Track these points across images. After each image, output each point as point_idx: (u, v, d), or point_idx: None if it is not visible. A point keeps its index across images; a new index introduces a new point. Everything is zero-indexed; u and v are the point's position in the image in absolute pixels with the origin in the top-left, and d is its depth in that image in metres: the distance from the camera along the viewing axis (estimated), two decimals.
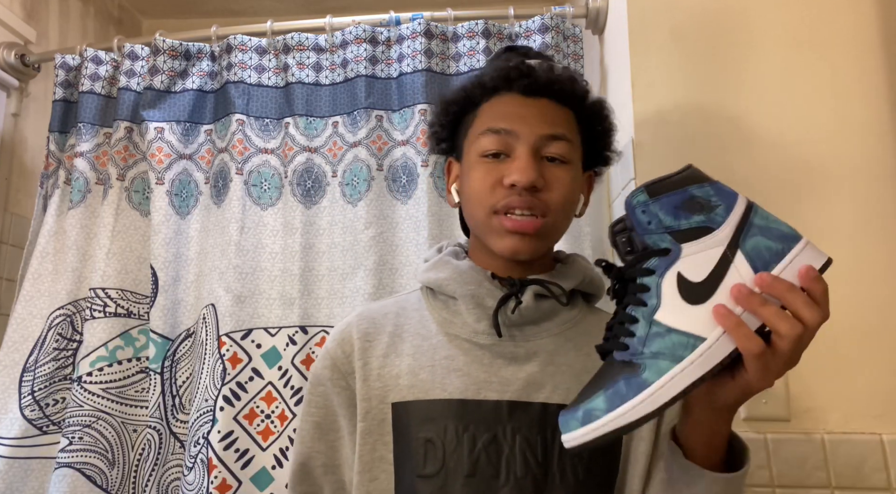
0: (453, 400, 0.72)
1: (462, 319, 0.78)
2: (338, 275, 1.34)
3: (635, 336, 0.57)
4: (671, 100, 1.14)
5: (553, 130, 0.76)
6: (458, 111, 0.84)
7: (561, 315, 0.79)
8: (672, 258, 0.57)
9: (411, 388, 0.74)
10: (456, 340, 0.77)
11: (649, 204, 0.58)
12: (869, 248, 1.06)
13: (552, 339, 0.77)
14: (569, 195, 0.77)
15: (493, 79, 0.80)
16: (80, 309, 1.42)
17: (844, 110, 1.10)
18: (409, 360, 0.76)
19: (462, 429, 0.70)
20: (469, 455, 0.69)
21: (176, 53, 1.48)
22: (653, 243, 0.58)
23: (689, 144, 1.12)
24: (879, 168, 1.08)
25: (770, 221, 0.59)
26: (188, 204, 1.44)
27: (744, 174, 1.10)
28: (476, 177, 0.77)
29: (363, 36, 1.42)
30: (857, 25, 1.13)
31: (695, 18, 1.16)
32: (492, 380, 0.73)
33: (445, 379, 0.73)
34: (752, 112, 1.12)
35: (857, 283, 1.04)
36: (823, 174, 1.09)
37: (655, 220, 0.58)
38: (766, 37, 1.14)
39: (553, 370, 0.74)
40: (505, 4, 1.42)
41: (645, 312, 0.57)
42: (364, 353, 0.78)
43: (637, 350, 0.57)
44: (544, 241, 0.77)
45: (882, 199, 1.07)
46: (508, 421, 0.70)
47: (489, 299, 0.76)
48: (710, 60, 1.14)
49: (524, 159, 0.74)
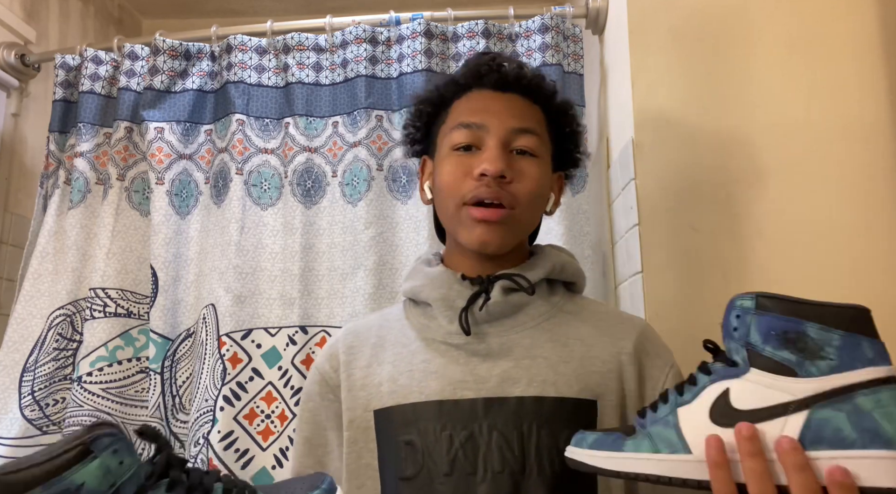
0: (431, 401, 0.73)
1: (437, 322, 0.79)
2: (338, 275, 1.34)
3: (656, 412, 0.58)
4: (671, 100, 1.14)
5: (522, 124, 0.78)
6: (431, 111, 0.86)
7: (535, 307, 0.79)
8: (732, 374, 0.54)
9: (392, 394, 0.75)
10: (433, 344, 0.78)
11: (749, 314, 0.54)
12: (869, 249, 1.06)
13: (528, 332, 0.77)
14: (537, 188, 0.78)
15: (464, 76, 0.83)
16: (80, 309, 1.42)
17: (844, 110, 1.10)
18: (389, 368, 0.77)
19: (440, 429, 0.71)
20: (447, 454, 0.70)
21: (176, 53, 1.48)
22: (728, 349, 0.55)
23: (689, 144, 1.12)
24: (879, 168, 1.08)
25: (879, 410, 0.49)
26: (188, 204, 1.44)
27: (743, 173, 1.10)
28: (447, 169, 0.79)
29: (363, 36, 1.43)
30: (857, 25, 1.13)
31: (695, 18, 1.16)
32: (467, 379, 0.74)
33: (423, 382, 0.74)
34: (752, 112, 1.12)
35: (858, 281, 1.04)
36: (823, 174, 1.09)
37: (743, 331, 0.54)
38: (766, 37, 1.14)
39: (529, 363, 0.74)
40: (505, 4, 1.42)
41: (676, 400, 0.57)
42: (348, 366, 0.80)
43: (646, 423, 0.58)
44: (512, 233, 0.78)
45: (882, 200, 1.07)
46: (485, 418, 0.71)
47: (459, 300, 0.77)
48: (710, 60, 1.15)
49: (493, 150, 0.76)
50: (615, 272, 1.27)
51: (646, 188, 1.11)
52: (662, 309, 1.07)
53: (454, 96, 0.84)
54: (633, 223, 1.12)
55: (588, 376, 0.74)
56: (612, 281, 1.29)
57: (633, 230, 1.12)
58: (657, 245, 1.09)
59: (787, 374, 0.51)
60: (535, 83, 0.82)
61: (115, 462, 0.48)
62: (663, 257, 1.09)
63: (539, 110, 0.82)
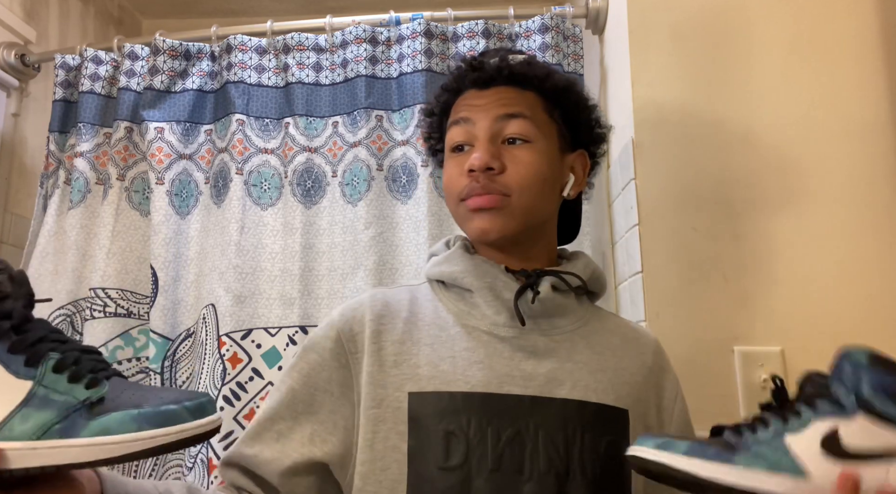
0: (476, 393, 0.71)
1: (480, 311, 0.77)
2: (338, 275, 1.34)
3: (755, 434, 0.59)
4: (671, 100, 1.14)
5: (508, 110, 0.78)
6: (436, 121, 0.88)
7: (573, 312, 0.79)
8: (840, 413, 0.57)
9: (431, 379, 0.72)
10: (475, 332, 0.76)
11: (863, 369, 0.57)
12: (869, 249, 1.06)
13: (567, 336, 0.77)
14: (531, 173, 0.76)
15: (448, 83, 0.84)
16: (80, 309, 1.42)
17: (844, 110, 1.10)
18: (427, 350, 0.75)
19: (486, 423, 0.70)
20: (493, 450, 0.69)
21: (176, 53, 1.48)
22: (835, 392, 0.58)
23: (689, 144, 1.12)
24: (879, 168, 1.08)
25: None
26: (188, 204, 1.44)
27: (743, 173, 1.10)
28: (447, 172, 0.80)
29: (363, 36, 1.43)
30: (857, 26, 1.13)
31: (695, 18, 1.16)
32: (514, 374, 0.73)
33: (468, 371, 0.72)
34: (752, 112, 1.12)
35: (858, 281, 1.04)
36: (823, 174, 1.09)
37: (853, 383, 0.57)
38: (766, 37, 1.14)
39: (571, 366, 0.74)
40: (505, 4, 1.42)
41: (779, 427, 0.58)
42: (378, 337, 0.75)
43: (746, 443, 0.58)
44: (512, 219, 0.76)
45: (882, 200, 1.07)
46: (531, 417, 0.70)
47: (506, 291, 0.76)
48: (710, 60, 1.14)
49: (480, 144, 0.76)
50: (615, 272, 1.27)
51: (646, 188, 1.11)
52: (662, 309, 1.07)
53: (450, 101, 0.85)
54: (633, 223, 1.12)
55: (621, 386, 0.75)
56: (612, 281, 1.29)
57: (633, 230, 1.12)
58: (657, 245, 1.09)
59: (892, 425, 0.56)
60: (518, 70, 0.80)
61: None
62: (663, 257, 1.08)
63: (532, 94, 0.80)
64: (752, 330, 1.05)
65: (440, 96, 0.86)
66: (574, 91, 0.83)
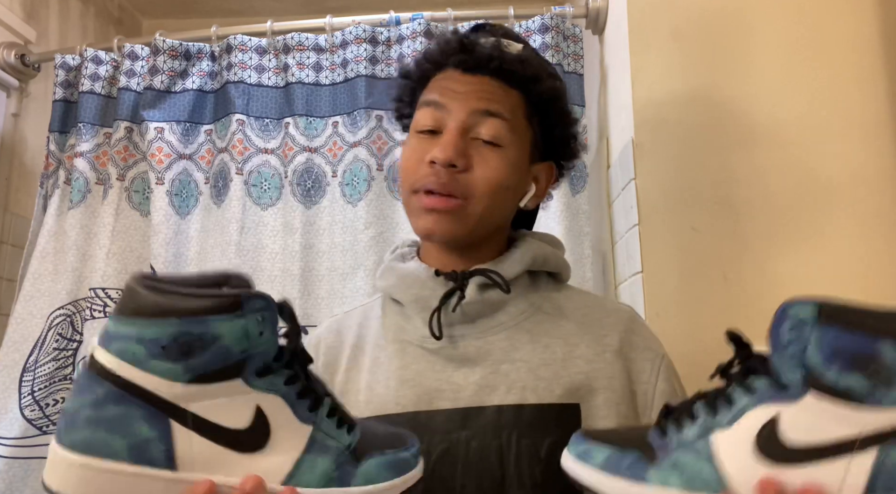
0: (406, 413, 0.69)
1: (413, 324, 0.75)
2: (338, 275, 1.34)
3: (680, 432, 0.48)
4: (671, 100, 1.14)
5: (487, 106, 0.72)
6: (413, 87, 0.80)
7: (514, 304, 0.74)
8: (783, 397, 0.44)
9: (368, 404, 0.71)
10: (409, 347, 0.74)
11: (808, 325, 0.43)
12: (869, 248, 1.06)
13: (506, 333, 0.73)
14: (497, 179, 0.71)
15: (433, 53, 0.77)
16: (81, 309, 1.42)
17: (845, 110, 1.10)
18: (366, 375, 0.74)
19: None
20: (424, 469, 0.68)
21: (176, 53, 1.48)
22: (777, 368, 0.45)
23: (689, 144, 1.12)
24: (879, 168, 1.08)
25: None
26: (188, 204, 1.44)
27: (744, 174, 1.10)
28: (406, 153, 0.75)
29: (363, 36, 1.42)
30: (857, 25, 1.13)
31: (695, 18, 1.16)
32: (443, 388, 0.70)
33: (399, 391, 0.71)
34: (753, 111, 1.12)
35: (857, 281, 1.04)
36: (823, 174, 1.09)
37: (799, 347, 0.43)
38: (766, 37, 1.14)
39: (508, 367, 0.70)
40: (505, 4, 1.42)
41: (707, 422, 0.47)
42: (328, 368, 0.76)
43: (669, 446, 0.48)
44: (463, 225, 0.71)
45: (882, 200, 1.07)
46: (462, 430, 0.68)
47: (433, 299, 0.72)
48: (710, 60, 1.14)
49: (448, 135, 0.71)
50: (615, 272, 1.27)
51: (646, 188, 1.11)
52: (662, 309, 1.07)
53: (429, 74, 0.78)
54: (633, 223, 1.12)
55: (571, 378, 0.70)
56: (612, 281, 1.29)
57: (633, 230, 1.12)
58: (657, 245, 1.09)
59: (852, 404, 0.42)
60: (510, 65, 0.74)
61: (257, 329, 0.45)
62: (663, 257, 1.09)
63: (517, 95, 0.74)
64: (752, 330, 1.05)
65: (421, 64, 0.79)
66: (559, 103, 0.78)
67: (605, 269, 1.33)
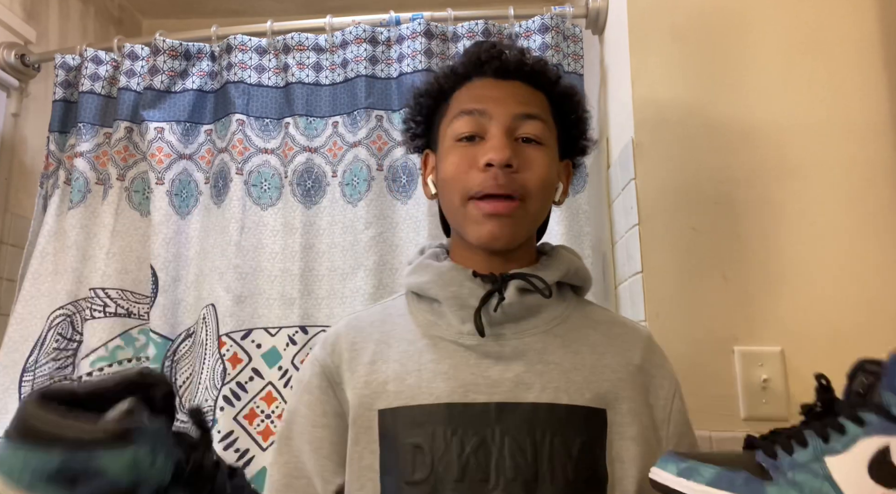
0: (440, 404, 0.70)
1: (447, 321, 0.76)
2: (338, 275, 1.34)
3: (791, 456, 0.53)
4: (671, 100, 1.14)
5: (527, 109, 0.76)
6: (431, 103, 0.83)
7: (548, 310, 0.77)
8: (891, 429, 0.50)
9: (398, 394, 0.72)
10: (441, 343, 0.75)
11: None
12: (869, 248, 1.06)
13: (540, 337, 0.75)
14: (546, 176, 0.75)
15: (464, 65, 0.80)
16: (80, 309, 1.42)
17: (844, 110, 1.10)
18: (395, 366, 0.75)
19: (450, 434, 0.69)
20: (458, 460, 0.68)
21: (176, 53, 1.48)
22: (887, 403, 0.50)
23: (689, 144, 1.12)
24: (879, 168, 1.08)
25: None
26: (188, 204, 1.44)
27: (743, 173, 1.10)
28: (451, 161, 0.76)
29: (363, 36, 1.43)
30: (857, 25, 1.13)
31: (695, 18, 1.16)
32: (479, 382, 0.71)
33: (432, 383, 0.72)
34: (752, 111, 1.12)
35: (857, 281, 1.05)
36: (823, 174, 1.09)
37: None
38: (766, 36, 1.14)
39: (541, 368, 0.72)
40: (505, 4, 1.42)
41: (820, 447, 0.52)
42: (352, 363, 0.77)
43: (782, 467, 0.52)
44: (522, 227, 0.75)
45: (882, 200, 1.07)
46: (497, 424, 0.69)
47: (472, 299, 0.74)
48: (710, 60, 1.15)
49: (498, 138, 0.73)
50: (615, 272, 1.27)
51: (646, 188, 1.11)
52: (662, 309, 1.07)
53: (455, 87, 0.81)
54: (633, 223, 1.12)
55: (599, 385, 0.73)
56: (612, 281, 1.29)
57: (633, 230, 1.12)
58: (657, 245, 1.09)
59: None
60: (537, 69, 0.79)
61: (147, 461, 0.44)
62: (663, 257, 1.09)
63: (543, 96, 0.79)
64: (752, 330, 1.05)
65: (445, 79, 0.81)
66: (577, 100, 0.82)
67: (605, 269, 1.33)
